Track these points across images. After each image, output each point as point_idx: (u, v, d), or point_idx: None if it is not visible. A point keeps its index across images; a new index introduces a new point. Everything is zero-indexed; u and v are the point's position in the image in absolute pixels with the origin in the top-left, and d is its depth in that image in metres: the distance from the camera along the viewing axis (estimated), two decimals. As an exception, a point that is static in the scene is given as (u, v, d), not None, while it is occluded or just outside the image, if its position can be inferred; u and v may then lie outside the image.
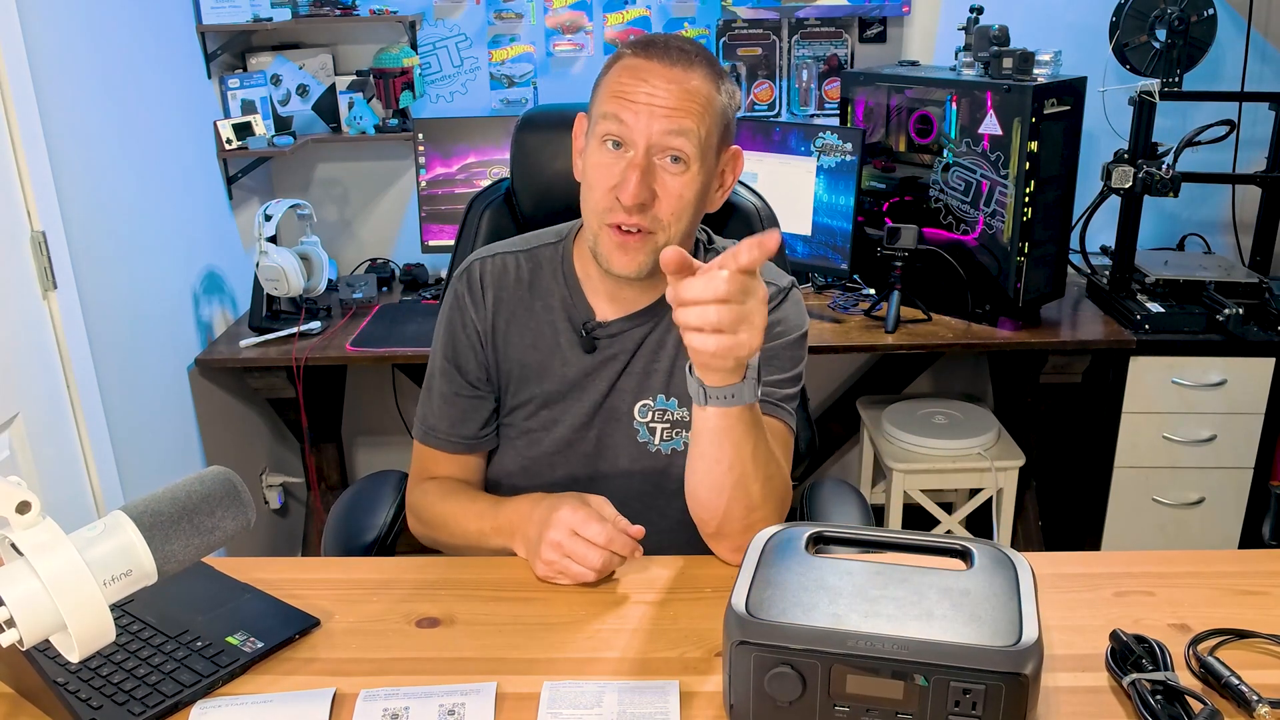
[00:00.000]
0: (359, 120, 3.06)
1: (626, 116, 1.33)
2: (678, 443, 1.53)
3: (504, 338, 1.53)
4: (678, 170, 1.35)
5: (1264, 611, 1.21)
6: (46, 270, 2.06)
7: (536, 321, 1.52)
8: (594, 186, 1.38)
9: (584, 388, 1.52)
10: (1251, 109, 3.03)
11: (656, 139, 1.33)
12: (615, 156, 1.35)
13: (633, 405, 1.52)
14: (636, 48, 1.37)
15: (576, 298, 1.51)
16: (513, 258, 1.54)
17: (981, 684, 0.94)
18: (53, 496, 2.06)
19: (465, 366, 1.54)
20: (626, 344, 1.51)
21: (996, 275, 2.67)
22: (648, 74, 1.34)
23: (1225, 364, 2.69)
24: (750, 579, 1.07)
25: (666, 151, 1.34)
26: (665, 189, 1.35)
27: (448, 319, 1.55)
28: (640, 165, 1.33)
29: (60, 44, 2.17)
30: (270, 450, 3.23)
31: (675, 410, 1.52)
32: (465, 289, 1.54)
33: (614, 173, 1.35)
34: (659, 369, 1.52)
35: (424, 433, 1.58)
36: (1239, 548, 2.81)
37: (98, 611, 0.96)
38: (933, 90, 2.69)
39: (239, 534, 1.08)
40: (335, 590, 1.31)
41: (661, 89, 1.33)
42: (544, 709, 1.08)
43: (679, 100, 1.33)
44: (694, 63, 1.36)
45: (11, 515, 0.95)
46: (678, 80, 1.34)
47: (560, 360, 1.52)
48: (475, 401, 1.55)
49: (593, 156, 1.38)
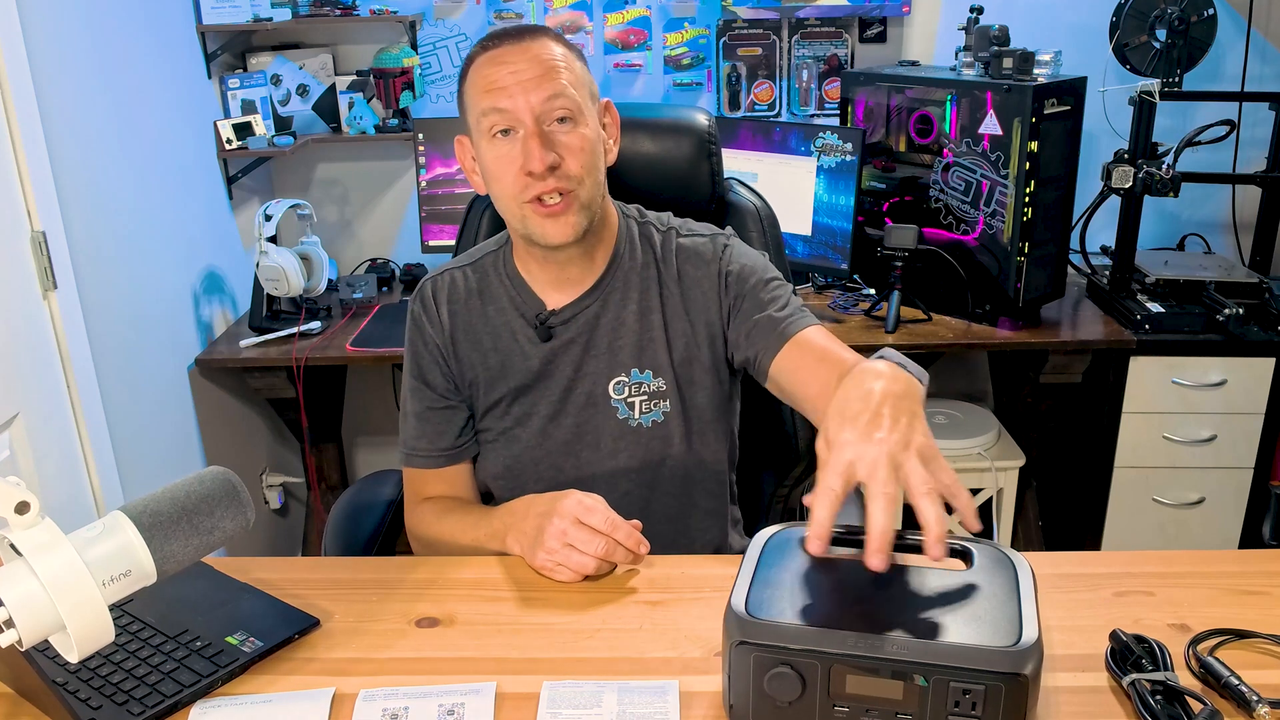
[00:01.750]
0: (359, 120, 3.06)
1: (504, 102, 1.39)
2: (657, 414, 1.54)
3: (463, 348, 1.56)
4: (568, 128, 1.41)
5: (1264, 611, 1.21)
6: (46, 270, 2.06)
7: (491, 325, 1.56)
8: (501, 176, 1.43)
9: (549, 375, 1.54)
10: (1251, 109, 3.03)
11: (539, 108, 1.39)
12: (510, 142, 1.41)
13: (607, 384, 1.54)
14: (481, 45, 1.45)
15: (524, 294, 1.55)
16: (459, 272, 1.59)
17: (981, 684, 0.94)
18: (52, 496, 2.06)
19: (432, 381, 1.57)
20: (582, 325, 1.53)
21: (996, 275, 2.67)
22: (504, 57, 1.41)
23: (1225, 364, 2.69)
24: (750, 579, 1.07)
25: (553, 115, 1.40)
26: (566, 148, 1.41)
27: (409, 340, 1.59)
28: (536, 134, 1.39)
29: (60, 44, 2.17)
30: (270, 450, 3.23)
31: (650, 382, 1.54)
32: (420, 309, 1.58)
33: (514, 155, 1.40)
34: (624, 345, 1.54)
35: (407, 455, 1.61)
36: (1239, 548, 2.81)
37: (97, 612, 0.96)
38: (933, 90, 2.69)
39: (239, 534, 1.08)
40: (335, 590, 1.31)
41: (524, 64, 1.40)
42: (543, 709, 1.08)
43: (543, 68, 1.40)
44: (538, 34, 1.44)
45: (11, 515, 0.95)
46: (533, 51, 1.41)
47: (520, 355, 1.54)
48: (448, 412, 1.57)
49: (489, 153, 1.43)
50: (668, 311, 1.54)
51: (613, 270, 1.54)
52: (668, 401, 1.55)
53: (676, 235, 1.57)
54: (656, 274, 1.55)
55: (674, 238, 1.57)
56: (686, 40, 3.14)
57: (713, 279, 1.54)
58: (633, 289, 1.54)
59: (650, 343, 1.54)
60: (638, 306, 1.54)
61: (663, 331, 1.54)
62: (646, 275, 1.55)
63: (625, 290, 1.54)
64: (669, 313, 1.54)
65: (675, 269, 1.55)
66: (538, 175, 1.38)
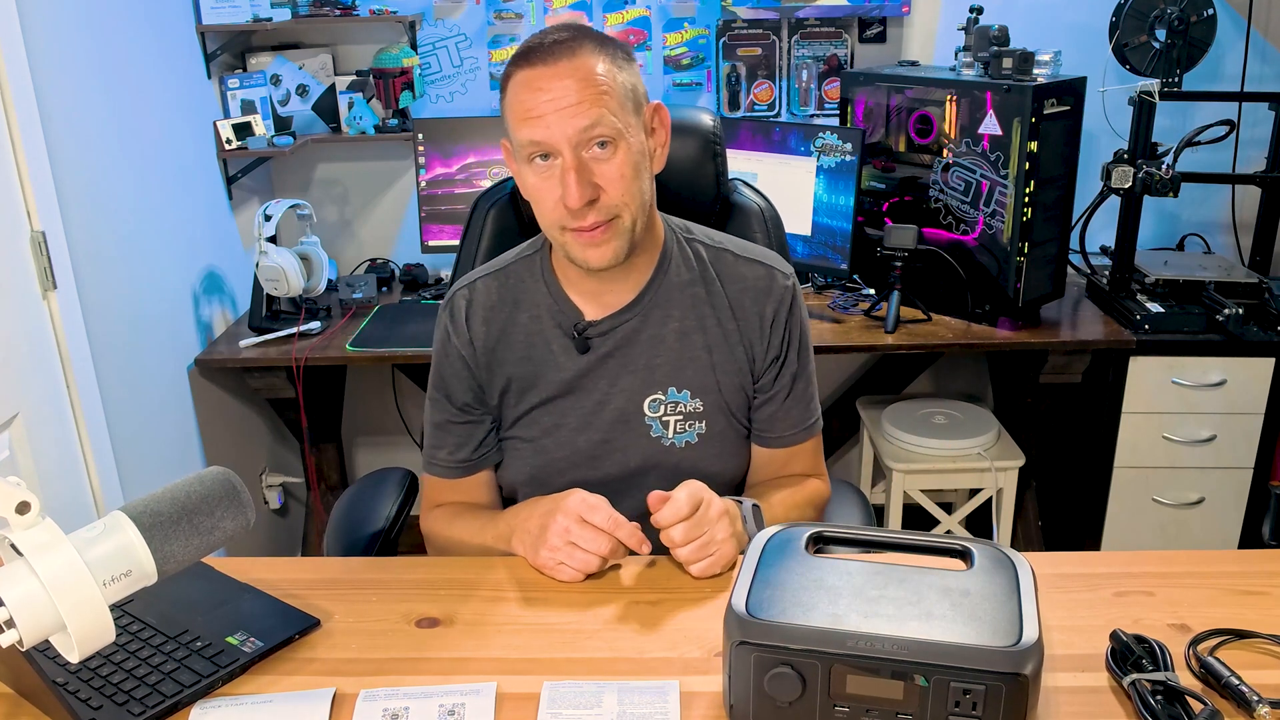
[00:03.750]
0: (359, 120, 3.06)
1: (539, 133, 1.34)
2: (691, 435, 1.53)
3: (496, 356, 1.54)
4: (608, 154, 1.36)
5: (1264, 612, 1.21)
6: (46, 270, 2.06)
7: (525, 333, 1.53)
8: (541, 203, 1.40)
9: (583, 388, 1.52)
10: (1251, 109, 3.03)
11: (576, 137, 1.34)
12: (548, 167, 1.36)
13: (642, 402, 1.52)
14: (519, 61, 1.38)
15: (563, 303, 1.52)
16: (491, 279, 1.56)
17: (981, 684, 0.94)
18: (52, 497, 2.06)
19: (454, 395, 1.56)
20: (619, 340, 1.51)
21: (996, 275, 2.67)
22: (539, 82, 1.34)
23: (1225, 364, 2.69)
24: (750, 579, 1.07)
25: (590, 143, 1.35)
26: (605, 176, 1.36)
27: (436, 350, 1.58)
28: (573, 167, 1.34)
29: (60, 44, 2.17)
30: (270, 450, 3.23)
31: (687, 402, 1.52)
32: (449, 319, 1.56)
33: (553, 184, 1.36)
34: (661, 363, 1.51)
35: (427, 462, 1.61)
36: (1239, 548, 2.81)
37: (97, 612, 0.96)
38: (932, 90, 2.69)
39: (239, 534, 1.08)
40: (335, 590, 1.31)
41: (558, 90, 1.33)
42: (544, 709, 1.08)
43: (579, 91, 1.33)
44: (577, 48, 1.35)
45: (11, 515, 0.95)
46: (569, 73, 1.34)
47: (554, 365, 1.52)
48: (468, 427, 1.57)
49: (528, 178, 1.39)
50: (711, 334, 1.52)
51: (655, 284, 1.51)
52: (703, 423, 1.53)
53: (732, 257, 1.55)
54: (704, 293, 1.52)
55: (728, 260, 1.54)
56: (686, 40, 3.14)
57: (768, 319, 1.53)
58: (675, 306, 1.51)
59: (690, 362, 1.52)
60: (679, 325, 1.51)
61: (706, 353, 1.52)
62: (693, 293, 1.52)
63: (667, 307, 1.51)
64: (713, 335, 1.52)
65: (725, 293, 1.53)
66: (575, 211, 1.35)
